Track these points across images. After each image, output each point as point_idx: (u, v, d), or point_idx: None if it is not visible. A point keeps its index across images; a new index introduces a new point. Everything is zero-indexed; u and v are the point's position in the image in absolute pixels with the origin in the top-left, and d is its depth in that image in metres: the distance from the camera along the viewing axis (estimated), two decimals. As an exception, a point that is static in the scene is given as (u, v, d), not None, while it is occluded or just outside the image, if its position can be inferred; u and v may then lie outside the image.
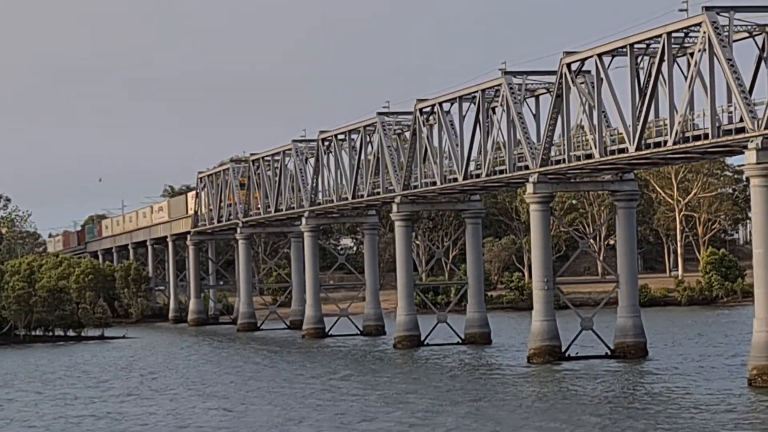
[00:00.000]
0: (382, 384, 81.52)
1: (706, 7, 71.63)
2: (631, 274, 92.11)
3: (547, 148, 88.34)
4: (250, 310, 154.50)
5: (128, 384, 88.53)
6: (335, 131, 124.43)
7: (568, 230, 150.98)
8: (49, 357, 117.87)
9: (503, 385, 78.03)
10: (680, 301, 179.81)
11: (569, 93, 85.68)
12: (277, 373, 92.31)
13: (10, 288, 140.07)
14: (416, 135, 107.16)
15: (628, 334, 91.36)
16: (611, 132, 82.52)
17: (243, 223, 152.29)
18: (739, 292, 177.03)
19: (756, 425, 57.99)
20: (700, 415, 60.99)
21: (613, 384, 76.13)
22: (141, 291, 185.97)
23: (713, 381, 75.47)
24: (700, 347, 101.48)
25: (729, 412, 61.60)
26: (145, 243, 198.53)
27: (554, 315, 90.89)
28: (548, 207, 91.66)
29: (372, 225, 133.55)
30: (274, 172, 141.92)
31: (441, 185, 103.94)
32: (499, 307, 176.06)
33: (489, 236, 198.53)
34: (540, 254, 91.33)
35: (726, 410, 62.36)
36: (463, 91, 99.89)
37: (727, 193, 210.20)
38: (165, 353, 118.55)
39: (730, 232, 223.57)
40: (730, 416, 60.43)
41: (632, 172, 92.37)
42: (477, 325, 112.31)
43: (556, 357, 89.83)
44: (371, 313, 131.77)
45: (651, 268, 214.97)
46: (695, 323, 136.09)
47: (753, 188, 71.26)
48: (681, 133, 75.00)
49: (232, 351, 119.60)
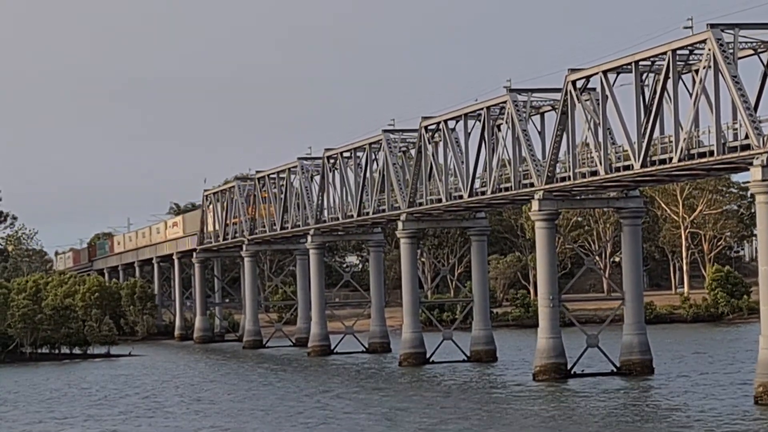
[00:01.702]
0: (376, 402, 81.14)
1: (710, 24, 71.62)
2: (636, 291, 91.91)
3: (552, 165, 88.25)
4: (255, 328, 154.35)
5: (128, 402, 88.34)
6: (341, 149, 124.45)
7: (573, 247, 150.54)
8: (56, 375, 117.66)
9: (503, 403, 77.69)
10: (686, 318, 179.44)
11: (574, 110, 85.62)
12: (272, 391, 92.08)
13: (15, 306, 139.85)
14: (421, 152, 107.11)
15: (633, 351, 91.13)
16: (616, 149, 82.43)
17: (249, 241, 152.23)
18: (745, 309, 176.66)
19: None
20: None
21: (619, 401, 75.86)
22: (147, 308, 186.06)
23: (719, 398, 75.19)
24: (706, 364, 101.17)
25: (737, 428, 61.28)
26: (151, 261, 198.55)
27: (560, 332, 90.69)
28: (553, 224, 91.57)
29: (377, 242, 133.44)
30: (279, 189, 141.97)
31: (446, 203, 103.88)
32: (504, 325, 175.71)
33: (494, 253, 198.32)
34: (545, 271, 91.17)
35: (732, 429, 62.06)
36: (468, 108, 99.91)
37: (732, 210, 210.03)
38: (168, 371, 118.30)
39: (735, 249, 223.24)
40: None
41: (637, 189, 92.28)
42: (482, 342, 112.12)
43: (562, 374, 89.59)
44: (377, 331, 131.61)
45: (656, 285, 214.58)
46: (701, 340, 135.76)
47: (758, 205, 71.13)
48: (686, 150, 74.90)
49: (233, 369, 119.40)
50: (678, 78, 76.22)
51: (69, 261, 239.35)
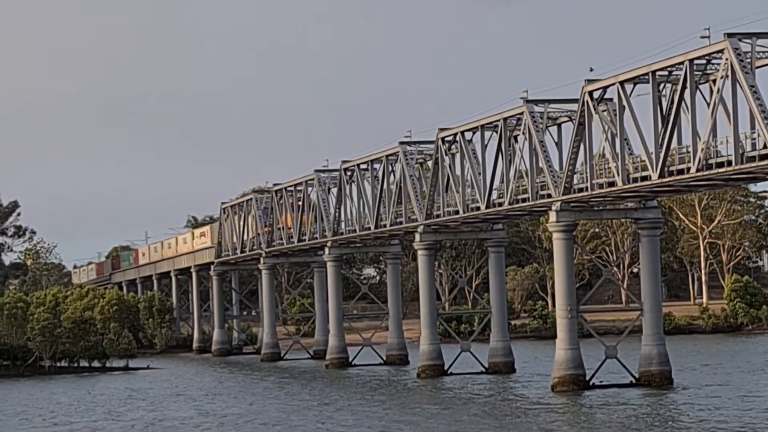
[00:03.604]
0: (377, 414, 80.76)
1: (728, 33, 71.31)
2: (655, 302, 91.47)
3: (569, 176, 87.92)
4: (273, 341, 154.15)
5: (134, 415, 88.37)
6: (357, 161, 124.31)
7: (591, 258, 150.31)
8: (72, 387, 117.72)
9: (521, 415, 77.33)
10: (705, 328, 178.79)
11: (591, 121, 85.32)
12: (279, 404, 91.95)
13: (35, 319, 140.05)
14: (438, 164, 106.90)
15: (652, 362, 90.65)
16: (634, 159, 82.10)
17: (266, 254, 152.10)
18: (765, 319, 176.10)
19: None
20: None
21: (638, 413, 75.38)
22: (165, 321, 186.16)
23: (740, 409, 74.69)
24: (726, 375, 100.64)
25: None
26: (169, 274, 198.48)
27: (578, 343, 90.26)
28: (571, 235, 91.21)
29: (395, 254, 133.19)
30: (296, 202, 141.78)
31: (463, 214, 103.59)
32: (522, 336, 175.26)
33: (512, 265, 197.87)
34: (563, 282, 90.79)
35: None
36: (485, 119, 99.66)
37: (751, 220, 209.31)
38: (179, 384, 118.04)
39: (754, 259, 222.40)
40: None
41: (655, 200, 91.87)
42: (501, 354, 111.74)
43: (581, 386, 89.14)
44: (394, 343, 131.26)
45: (675, 295, 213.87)
46: (721, 351, 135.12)
47: (777, 215, 70.73)
48: (704, 160, 74.51)
49: (248, 382, 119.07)
50: (695, 88, 75.87)
51: (93, 273, 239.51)
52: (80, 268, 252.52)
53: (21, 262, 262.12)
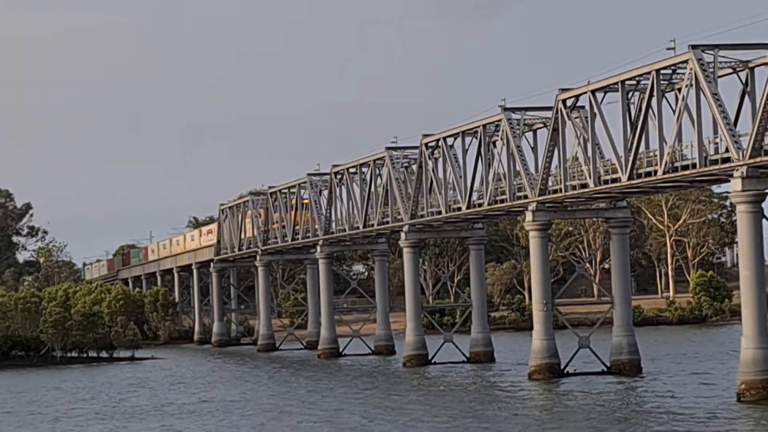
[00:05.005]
0: (360, 401, 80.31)
1: (692, 45, 71.12)
2: (625, 296, 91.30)
3: (544, 178, 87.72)
4: (269, 332, 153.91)
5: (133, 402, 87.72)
6: (347, 165, 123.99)
7: (565, 255, 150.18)
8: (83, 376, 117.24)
9: (499, 401, 77.06)
10: (672, 320, 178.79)
11: (565, 127, 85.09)
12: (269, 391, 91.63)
13: (47, 313, 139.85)
14: (422, 168, 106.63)
15: (623, 351, 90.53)
16: (605, 163, 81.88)
17: (262, 251, 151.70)
18: (727, 311, 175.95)
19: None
20: (695, 427, 60.06)
21: (609, 399, 75.19)
22: (168, 315, 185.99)
23: (704, 396, 74.54)
24: (691, 363, 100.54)
25: (719, 425, 60.66)
26: (172, 271, 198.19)
27: (553, 334, 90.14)
28: (546, 233, 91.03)
29: (382, 252, 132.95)
30: (290, 203, 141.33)
31: (446, 214, 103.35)
32: (501, 328, 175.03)
33: (491, 261, 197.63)
34: (539, 277, 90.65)
35: (716, 423, 61.46)
36: (465, 126, 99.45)
37: (714, 219, 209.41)
38: (177, 373, 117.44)
39: (717, 255, 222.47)
40: (720, 427, 59.55)
41: (625, 200, 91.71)
42: (481, 344, 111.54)
43: (556, 374, 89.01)
44: (382, 334, 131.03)
45: (644, 289, 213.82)
46: (686, 341, 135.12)
47: (739, 214, 70.66)
48: (670, 163, 74.35)
49: (243, 371, 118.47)
50: (662, 96, 75.71)
51: (104, 269, 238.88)
52: (92, 265, 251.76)
53: (34, 260, 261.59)
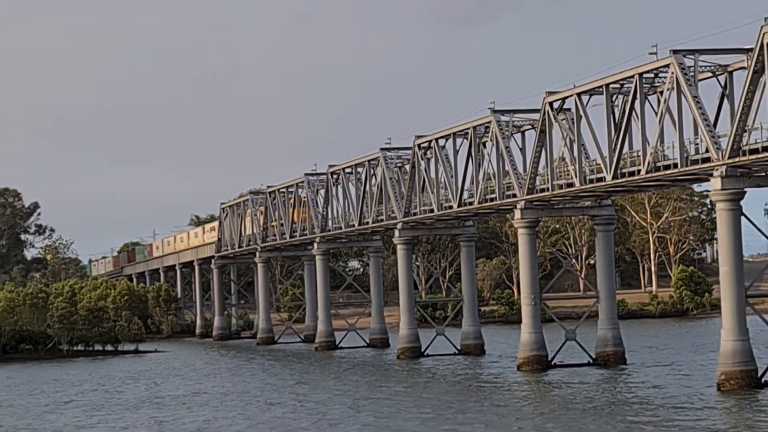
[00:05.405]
0: (348, 392, 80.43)
1: (673, 50, 71.45)
2: (609, 290, 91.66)
3: (532, 178, 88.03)
4: (268, 326, 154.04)
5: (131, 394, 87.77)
6: (343, 165, 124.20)
7: (552, 251, 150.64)
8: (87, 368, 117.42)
9: (489, 392, 77.37)
10: (654, 313, 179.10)
11: (552, 128, 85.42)
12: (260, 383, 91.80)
13: (54, 308, 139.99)
14: (415, 168, 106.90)
15: (608, 344, 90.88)
16: (590, 163, 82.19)
17: (261, 248, 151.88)
18: (708, 305, 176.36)
19: (724, 424, 57.50)
20: (676, 416, 60.45)
21: (595, 389, 75.50)
22: (171, 309, 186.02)
23: (686, 386, 74.83)
24: (673, 355, 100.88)
25: (700, 413, 61.07)
26: (174, 267, 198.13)
27: (541, 327, 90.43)
28: (534, 231, 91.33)
29: (376, 248, 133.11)
30: (288, 202, 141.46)
31: (438, 212, 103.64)
32: (491, 321, 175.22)
33: (481, 257, 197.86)
34: (527, 273, 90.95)
35: (697, 411, 61.85)
36: (456, 128, 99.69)
37: (695, 217, 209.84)
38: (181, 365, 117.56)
39: (698, 251, 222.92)
40: (701, 416, 59.94)
41: (609, 199, 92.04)
42: (472, 337, 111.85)
43: (544, 365, 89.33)
44: (377, 328, 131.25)
45: (628, 284, 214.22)
46: (669, 334, 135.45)
47: (718, 212, 71.02)
48: (653, 163, 74.71)
49: (238, 363, 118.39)
50: (644, 99, 76.01)
51: (110, 265, 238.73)
52: (98, 261, 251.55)
53: (41, 257, 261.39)
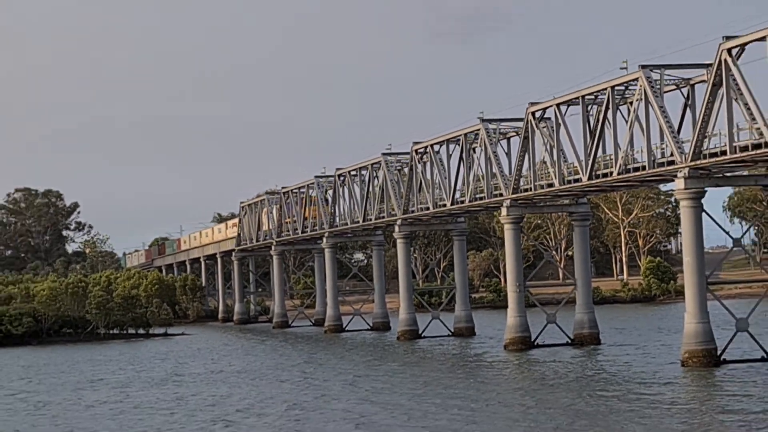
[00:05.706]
0: (349, 369, 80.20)
1: (641, 65, 71.65)
2: (585, 279, 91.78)
3: (517, 179, 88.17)
4: (283, 311, 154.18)
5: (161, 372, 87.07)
6: (348, 168, 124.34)
7: (535, 244, 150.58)
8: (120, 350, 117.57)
9: (480, 369, 77.46)
10: (625, 299, 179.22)
11: (534, 135, 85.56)
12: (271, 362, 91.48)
13: (92, 296, 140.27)
14: (413, 170, 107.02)
15: (584, 326, 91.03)
16: (568, 166, 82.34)
17: (276, 242, 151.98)
18: (673, 291, 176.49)
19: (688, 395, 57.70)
20: (643, 390, 60.62)
21: (571, 366, 75.64)
22: (196, 297, 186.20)
23: (653, 363, 74.98)
24: (642, 336, 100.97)
25: (664, 387, 61.26)
26: (199, 259, 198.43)
27: (525, 312, 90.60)
28: (519, 226, 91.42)
29: (379, 242, 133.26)
30: (300, 201, 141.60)
31: (433, 210, 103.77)
32: (481, 306, 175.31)
33: (472, 249, 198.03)
34: (513, 263, 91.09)
35: (664, 384, 62.05)
36: (449, 135, 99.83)
37: (661, 213, 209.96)
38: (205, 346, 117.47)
39: (664, 243, 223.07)
40: (667, 388, 60.12)
41: (585, 198, 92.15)
42: (464, 320, 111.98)
43: (527, 345, 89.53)
44: (379, 313, 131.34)
45: (602, 273, 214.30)
46: (638, 317, 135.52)
47: (682, 209, 71.21)
48: (623, 166, 74.84)
49: (253, 344, 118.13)
50: (616, 108, 76.18)
51: (142, 258, 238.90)
52: (131, 254, 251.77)
53: (81, 251, 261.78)
